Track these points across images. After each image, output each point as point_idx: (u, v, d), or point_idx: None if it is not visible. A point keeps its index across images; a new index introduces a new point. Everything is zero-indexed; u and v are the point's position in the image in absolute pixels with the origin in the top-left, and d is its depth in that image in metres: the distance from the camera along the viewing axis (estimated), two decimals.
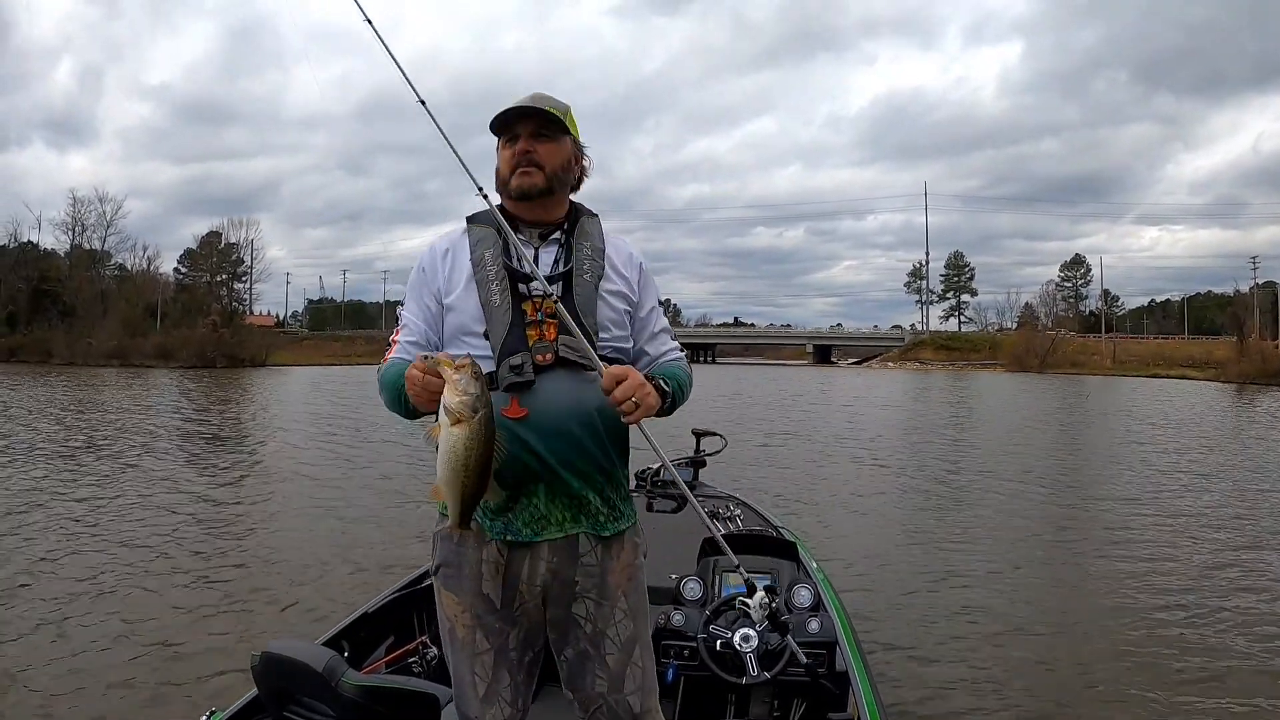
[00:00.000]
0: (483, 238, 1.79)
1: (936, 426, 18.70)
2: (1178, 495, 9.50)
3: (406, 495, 8.99)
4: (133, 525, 7.35)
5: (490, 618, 1.73)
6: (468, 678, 1.74)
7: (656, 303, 1.91)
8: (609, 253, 1.83)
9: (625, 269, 1.85)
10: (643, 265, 1.89)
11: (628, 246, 1.89)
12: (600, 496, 1.75)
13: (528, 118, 1.77)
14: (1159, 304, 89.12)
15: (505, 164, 1.79)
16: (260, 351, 55.86)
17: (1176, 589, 5.69)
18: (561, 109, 1.79)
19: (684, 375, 1.86)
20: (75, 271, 61.55)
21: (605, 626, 1.73)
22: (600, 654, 1.73)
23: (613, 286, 1.81)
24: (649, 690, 1.79)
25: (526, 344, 1.70)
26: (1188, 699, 3.93)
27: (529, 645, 1.77)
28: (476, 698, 1.73)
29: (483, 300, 1.73)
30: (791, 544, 3.09)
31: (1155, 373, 54.72)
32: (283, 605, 5.21)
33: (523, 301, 1.73)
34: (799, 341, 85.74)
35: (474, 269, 1.76)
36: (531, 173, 1.76)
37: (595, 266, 1.79)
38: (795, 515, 7.19)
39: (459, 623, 1.75)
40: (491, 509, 1.70)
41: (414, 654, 2.88)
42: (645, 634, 1.82)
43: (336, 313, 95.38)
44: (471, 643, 1.73)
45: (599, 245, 1.82)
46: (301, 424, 17.41)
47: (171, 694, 3.85)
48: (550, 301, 1.71)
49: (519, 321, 1.71)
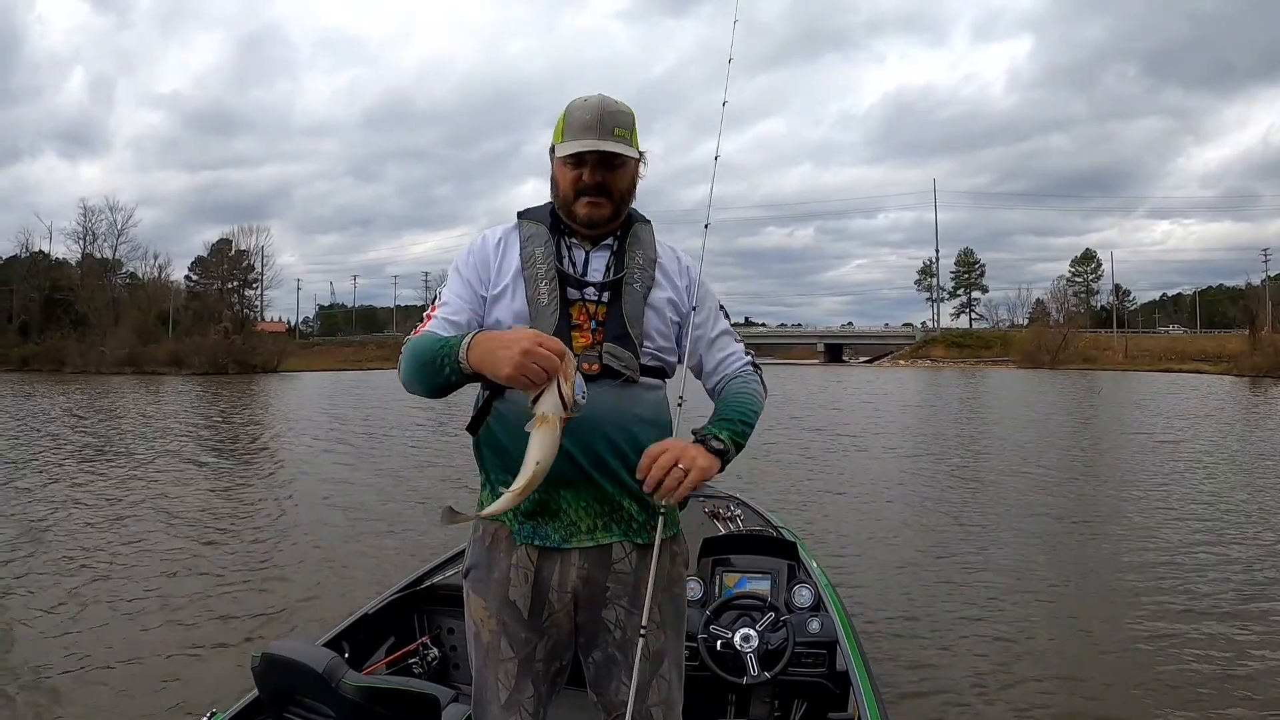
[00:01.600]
0: (534, 234, 1.75)
1: (943, 424, 18.63)
2: (1192, 494, 9.42)
3: (408, 496, 9.02)
4: (136, 527, 7.41)
5: (517, 626, 1.69)
6: (490, 683, 1.71)
7: (716, 306, 1.87)
8: (661, 261, 1.80)
9: (677, 278, 1.82)
10: (693, 272, 1.85)
11: (679, 254, 1.86)
12: (638, 503, 1.71)
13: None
14: (1170, 298, 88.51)
15: (569, 185, 1.71)
16: (272, 357, 56.11)
17: (1184, 590, 5.64)
18: (628, 126, 1.71)
19: (750, 402, 1.78)
20: (87, 280, 61.96)
21: (635, 635, 1.66)
22: (628, 660, 1.68)
23: (662, 295, 1.77)
24: (672, 705, 1.74)
25: (572, 348, 1.63)
26: (1198, 704, 3.88)
27: (556, 656, 1.73)
28: (498, 704, 1.70)
29: (530, 297, 1.70)
30: (791, 544, 3.09)
31: (1168, 367, 54.28)
32: (283, 606, 5.24)
33: (571, 305, 1.70)
34: (810, 341, 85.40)
35: (523, 265, 1.72)
36: (601, 204, 1.71)
37: (645, 277, 1.76)
38: (795, 515, 7.17)
39: (485, 627, 1.72)
40: (523, 512, 1.68)
41: (414, 655, 2.90)
42: (678, 649, 1.78)
43: (347, 318, 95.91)
44: (496, 649, 1.70)
45: (651, 255, 1.79)
46: (309, 427, 17.47)
47: (172, 694, 3.88)
48: (601, 306, 1.70)
49: (565, 325, 1.68)
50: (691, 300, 1.82)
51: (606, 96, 1.73)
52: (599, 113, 1.68)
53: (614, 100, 1.72)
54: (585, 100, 1.71)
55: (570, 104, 1.72)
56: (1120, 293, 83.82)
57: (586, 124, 1.67)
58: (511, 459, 1.63)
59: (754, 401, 1.79)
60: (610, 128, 1.68)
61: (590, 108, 1.69)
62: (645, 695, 1.69)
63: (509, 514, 1.68)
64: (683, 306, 1.81)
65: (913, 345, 77.36)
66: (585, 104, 1.70)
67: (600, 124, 1.67)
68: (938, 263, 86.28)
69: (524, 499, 1.51)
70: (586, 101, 1.70)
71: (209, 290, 69.27)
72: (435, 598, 3.06)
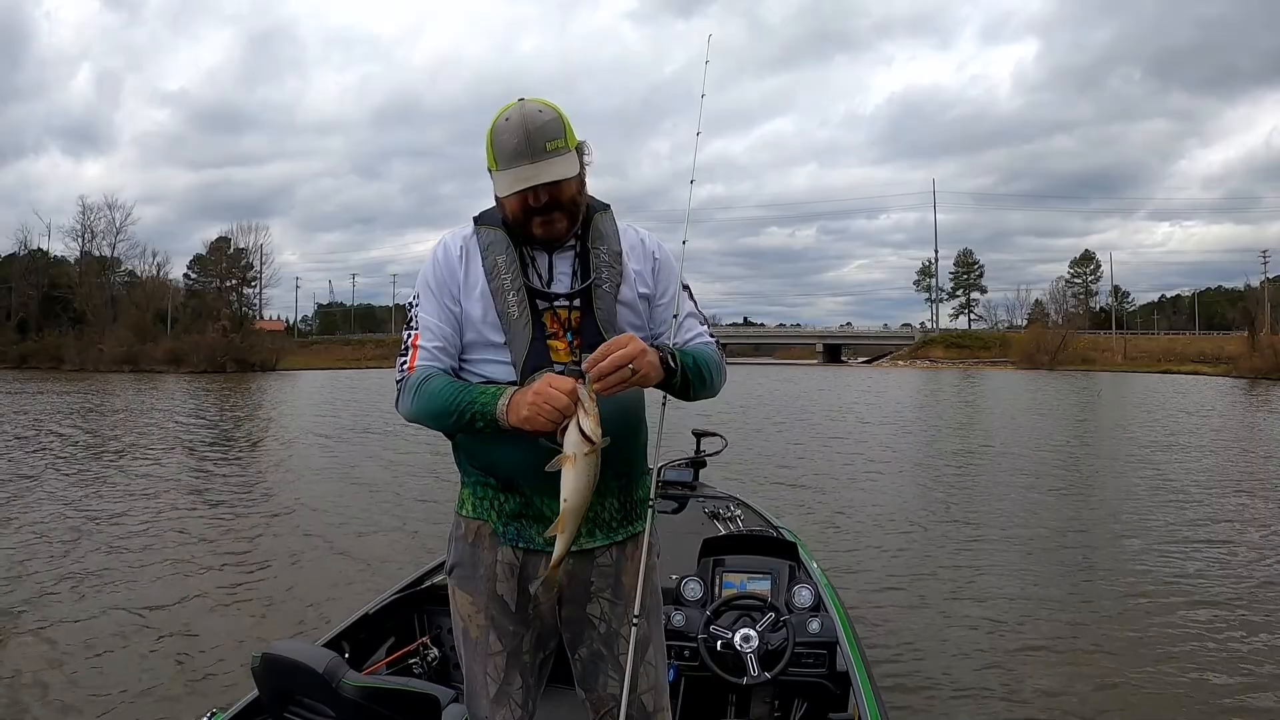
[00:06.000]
0: (493, 242, 1.69)
1: (942, 425, 18.64)
2: (1193, 494, 9.43)
3: (408, 496, 9.03)
4: (136, 527, 7.40)
5: (505, 620, 1.72)
6: (479, 678, 1.73)
7: (679, 287, 1.81)
8: (624, 250, 1.75)
9: (640, 262, 1.77)
10: (656, 252, 1.80)
11: (639, 235, 1.80)
12: (616, 501, 1.74)
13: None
14: (1169, 299, 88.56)
15: (516, 209, 1.63)
16: (270, 356, 56.12)
17: (1185, 590, 5.65)
18: (558, 132, 1.60)
19: (708, 354, 1.75)
20: (85, 278, 61.98)
21: (619, 626, 1.72)
22: (613, 654, 1.73)
23: (631, 291, 1.74)
24: (660, 689, 1.79)
25: (549, 359, 1.64)
26: (1199, 704, 3.88)
27: (541, 647, 1.77)
28: (487, 698, 1.73)
29: (500, 310, 1.65)
30: (792, 544, 3.08)
31: (1167, 369, 54.40)
32: (284, 606, 5.24)
33: (542, 314, 1.67)
34: (808, 341, 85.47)
35: (488, 276, 1.67)
36: (554, 219, 1.64)
37: (614, 274, 1.71)
38: (795, 515, 7.17)
39: (473, 623, 1.74)
40: (508, 513, 1.70)
41: (415, 655, 2.89)
42: (659, 633, 1.82)
43: (346, 316, 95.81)
44: (485, 644, 1.73)
45: (615, 248, 1.74)
46: (307, 426, 17.49)
47: (173, 695, 3.88)
48: (574, 312, 1.67)
49: (540, 335, 1.65)
50: (655, 283, 1.78)
51: (527, 104, 1.61)
52: (524, 133, 1.57)
53: (535, 107, 1.61)
54: (507, 119, 1.59)
55: (495, 124, 1.61)
56: (1119, 294, 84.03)
57: (516, 150, 1.57)
58: (483, 459, 1.70)
59: (714, 357, 1.77)
60: (540, 145, 1.57)
61: (514, 129, 1.57)
62: (635, 684, 1.72)
63: (492, 513, 1.71)
64: (651, 291, 1.78)
65: (911, 346, 77.43)
66: (508, 125, 1.58)
67: (529, 145, 1.57)
68: (937, 263, 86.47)
69: (572, 533, 1.54)
70: (509, 121, 1.59)
71: (207, 288, 69.27)
72: (436, 598, 3.06)
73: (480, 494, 1.73)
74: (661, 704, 1.79)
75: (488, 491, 1.72)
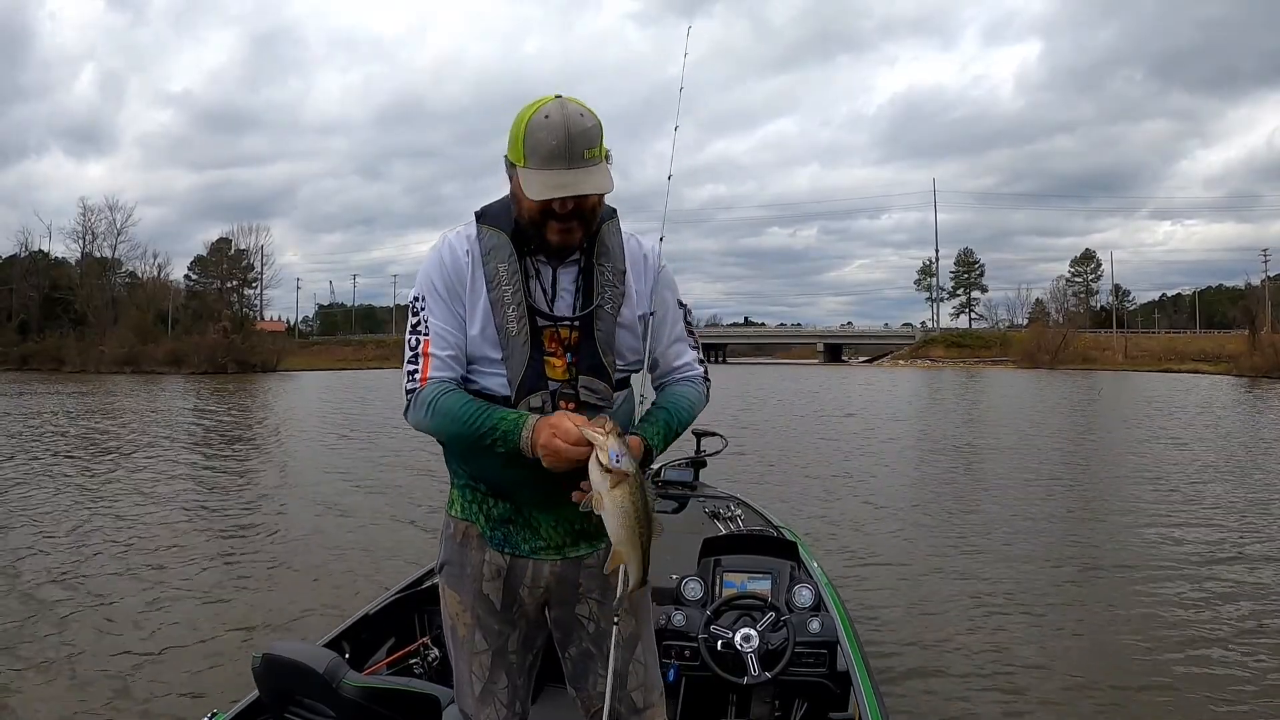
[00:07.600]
0: (496, 247, 1.64)
1: (942, 424, 18.61)
2: (1193, 495, 9.42)
3: (408, 497, 9.02)
4: (136, 528, 7.39)
5: (490, 619, 1.74)
6: (466, 676, 1.76)
7: (676, 306, 1.79)
8: (628, 265, 1.71)
9: (642, 280, 1.74)
10: (659, 267, 1.77)
11: (642, 249, 1.76)
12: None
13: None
14: (1170, 298, 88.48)
15: (536, 209, 1.56)
16: (271, 356, 56.12)
17: (1185, 591, 5.64)
18: (597, 139, 1.54)
19: (684, 409, 1.74)
20: (86, 279, 61.99)
21: (608, 626, 1.73)
22: (602, 653, 1.74)
23: (631, 312, 1.71)
24: (651, 686, 1.80)
25: (545, 380, 1.63)
26: (1200, 704, 3.87)
27: (528, 647, 1.79)
28: (473, 696, 1.76)
29: (499, 325, 1.62)
30: (792, 544, 3.09)
31: (1168, 368, 54.31)
32: (284, 607, 5.24)
33: (541, 331, 1.63)
34: (809, 340, 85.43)
35: (489, 284, 1.63)
36: (573, 229, 1.58)
37: (616, 295, 1.68)
38: (795, 515, 7.16)
39: (460, 621, 1.76)
40: (496, 518, 1.71)
41: (415, 655, 2.90)
42: (648, 631, 1.83)
43: (347, 317, 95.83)
44: (471, 642, 1.75)
45: (620, 266, 1.69)
46: (308, 426, 17.49)
47: (173, 695, 3.88)
48: (574, 332, 1.65)
49: (538, 353, 1.62)
50: (650, 304, 1.75)
51: (568, 104, 1.53)
52: (565, 135, 1.49)
53: (577, 110, 1.53)
54: (546, 117, 1.50)
55: (530, 120, 1.52)
56: (1120, 293, 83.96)
57: (554, 152, 1.50)
58: (470, 460, 1.71)
59: (691, 408, 1.77)
60: (580, 151, 1.50)
61: (555, 130, 1.49)
62: (625, 682, 1.75)
63: (480, 516, 1.72)
64: (650, 306, 1.75)
65: (912, 345, 77.35)
66: (548, 123, 1.50)
67: (569, 150, 1.49)
68: (937, 263, 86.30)
69: (637, 561, 1.55)
70: (549, 119, 1.50)
71: (208, 289, 69.32)
72: (436, 598, 3.06)
73: (469, 496, 1.75)
74: (652, 700, 1.80)
75: (476, 495, 1.73)
